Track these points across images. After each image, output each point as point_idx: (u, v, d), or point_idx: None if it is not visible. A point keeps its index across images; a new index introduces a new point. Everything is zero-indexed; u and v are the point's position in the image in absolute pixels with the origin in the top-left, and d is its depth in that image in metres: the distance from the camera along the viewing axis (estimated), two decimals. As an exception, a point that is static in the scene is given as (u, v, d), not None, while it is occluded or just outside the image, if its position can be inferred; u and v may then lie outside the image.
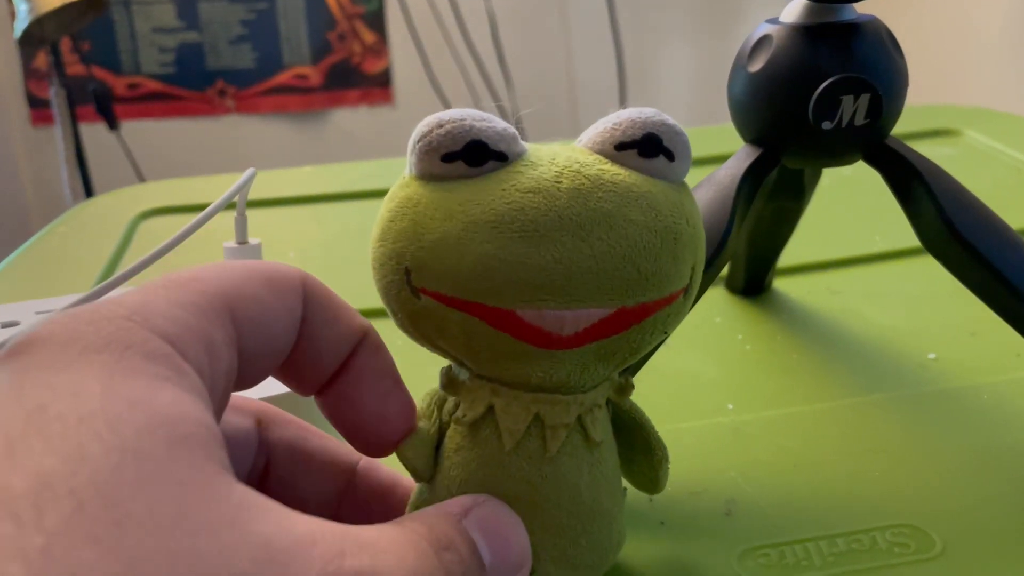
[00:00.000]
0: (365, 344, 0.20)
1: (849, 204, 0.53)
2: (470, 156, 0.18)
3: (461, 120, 0.18)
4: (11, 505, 0.12)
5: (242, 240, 0.38)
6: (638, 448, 0.22)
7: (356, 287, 0.28)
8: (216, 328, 0.17)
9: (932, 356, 0.38)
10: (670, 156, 0.19)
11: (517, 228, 0.17)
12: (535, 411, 0.19)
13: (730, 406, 0.35)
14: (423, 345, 0.20)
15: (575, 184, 0.18)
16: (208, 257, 0.42)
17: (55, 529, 0.12)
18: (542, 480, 0.19)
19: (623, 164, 0.19)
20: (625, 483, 0.22)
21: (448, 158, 0.18)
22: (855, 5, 0.30)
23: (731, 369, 0.38)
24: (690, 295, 0.20)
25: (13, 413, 0.13)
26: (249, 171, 0.35)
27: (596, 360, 0.19)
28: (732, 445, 0.33)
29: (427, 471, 0.20)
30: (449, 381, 0.20)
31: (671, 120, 0.20)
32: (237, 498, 0.14)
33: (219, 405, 0.17)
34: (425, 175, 0.19)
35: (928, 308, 0.42)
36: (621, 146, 0.19)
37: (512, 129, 0.19)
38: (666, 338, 0.20)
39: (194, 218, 0.32)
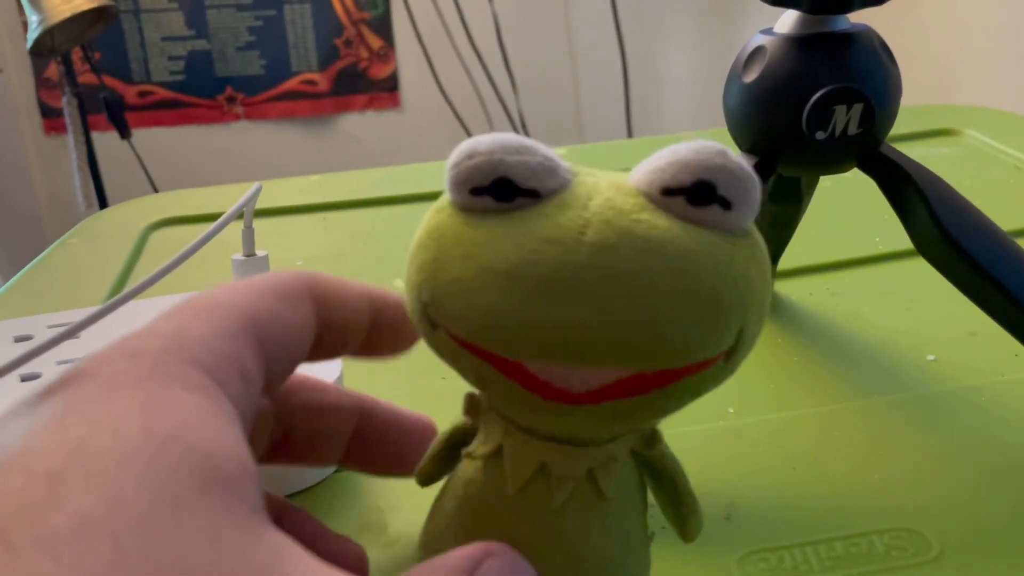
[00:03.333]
0: (378, 322, 0.21)
1: (849, 206, 0.53)
2: (498, 192, 0.17)
3: (490, 154, 0.17)
4: (51, 543, 0.12)
5: (250, 253, 0.39)
6: (667, 499, 0.21)
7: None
8: (247, 352, 0.17)
9: (931, 357, 0.38)
10: (726, 205, 0.17)
11: (529, 283, 0.16)
12: (542, 460, 0.18)
13: (730, 410, 0.36)
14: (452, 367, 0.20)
15: (600, 237, 0.16)
16: (218, 268, 0.42)
17: (93, 570, 0.12)
18: (544, 530, 0.18)
19: (669, 211, 0.17)
20: (652, 525, 0.21)
21: (476, 192, 0.17)
22: (848, 16, 0.30)
23: (732, 373, 0.39)
24: (736, 358, 0.18)
25: (56, 448, 0.14)
26: (255, 186, 0.36)
27: (612, 418, 0.18)
28: (732, 449, 0.33)
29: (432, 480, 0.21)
30: (471, 407, 0.20)
31: (733, 160, 0.17)
32: (268, 544, 0.14)
33: (251, 426, 0.18)
34: (456, 204, 0.18)
35: (928, 309, 0.42)
36: (668, 191, 0.17)
37: (551, 161, 0.17)
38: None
39: (204, 229, 0.33)
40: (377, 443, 0.24)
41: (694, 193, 0.17)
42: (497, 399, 0.19)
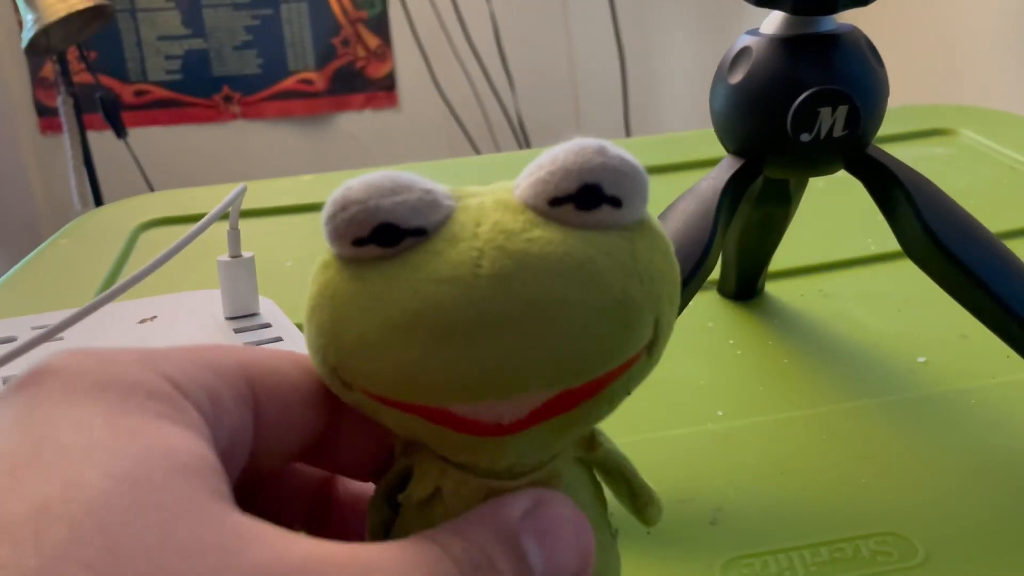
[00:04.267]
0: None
1: (840, 207, 0.53)
2: (382, 239, 0.16)
3: (365, 201, 0.16)
4: (9, 528, 0.12)
5: (235, 254, 0.39)
6: (623, 493, 0.21)
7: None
8: (225, 385, 0.17)
9: (922, 360, 0.38)
10: (616, 203, 0.16)
11: (434, 330, 0.15)
12: (484, 495, 0.17)
13: (720, 412, 0.35)
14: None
15: (496, 267, 0.15)
16: (205, 269, 0.42)
17: (50, 553, 0.12)
18: None
19: (560, 221, 0.16)
20: (616, 524, 0.21)
21: (358, 243, 0.16)
22: (837, 16, 0.30)
23: (722, 375, 0.39)
24: (657, 348, 0.17)
25: (19, 442, 0.14)
26: (239, 187, 0.36)
27: (549, 436, 0.17)
28: (721, 452, 0.33)
29: None
30: (404, 449, 0.19)
31: (614, 156, 0.16)
32: (232, 524, 0.14)
33: (229, 462, 0.17)
34: (340, 257, 0.17)
35: (919, 311, 0.42)
36: (555, 201, 0.16)
37: (430, 194, 0.16)
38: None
39: (190, 230, 0.32)
40: (345, 512, 0.21)
41: (581, 198, 0.16)
42: (429, 442, 0.18)
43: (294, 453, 0.19)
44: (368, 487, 0.21)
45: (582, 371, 0.16)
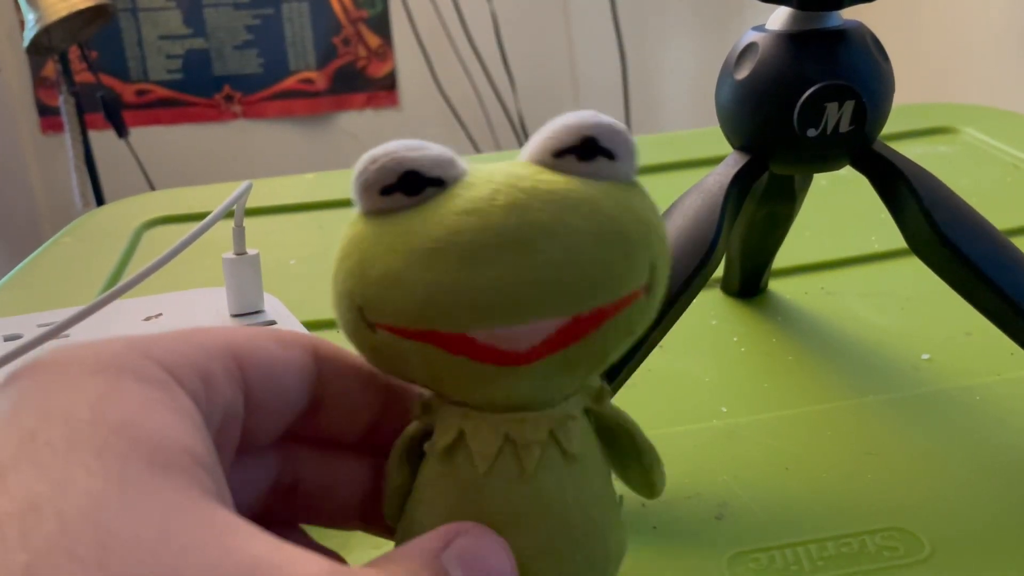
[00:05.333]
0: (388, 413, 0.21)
1: (845, 204, 0.53)
2: (407, 186, 0.18)
3: (392, 153, 0.18)
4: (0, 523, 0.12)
5: (240, 251, 0.39)
6: (628, 454, 0.22)
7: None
8: (215, 363, 0.18)
9: (926, 357, 0.38)
10: (611, 156, 0.19)
11: (455, 252, 0.17)
12: (504, 431, 0.19)
13: (724, 409, 0.36)
14: (394, 376, 0.21)
15: (510, 199, 0.18)
16: (210, 267, 0.42)
17: (39, 548, 0.12)
18: (523, 500, 0.19)
19: (564, 171, 0.19)
20: (622, 490, 0.22)
21: (386, 191, 0.18)
22: (841, 12, 0.30)
23: (726, 372, 0.39)
24: (654, 292, 0.19)
25: (6, 439, 0.14)
26: (245, 184, 0.36)
27: (560, 372, 0.19)
28: (726, 449, 0.33)
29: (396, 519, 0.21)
30: (422, 409, 0.20)
31: (609, 119, 0.19)
32: (221, 522, 0.14)
33: (223, 439, 0.18)
34: (368, 211, 0.19)
35: (923, 308, 0.42)
36: (559, 153, 0.19)
37: (448, 153, 0.19)
38: (636, 340, 0.20)
39: (194, 228, 0.32)
40: None
41: (581, 149, 0.19)
42: (448, 384, 0.19)
43: (281, 427, 0.20)
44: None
45: (588, 295, 0.18)
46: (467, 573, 0.17)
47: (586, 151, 0.19)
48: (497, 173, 0.19)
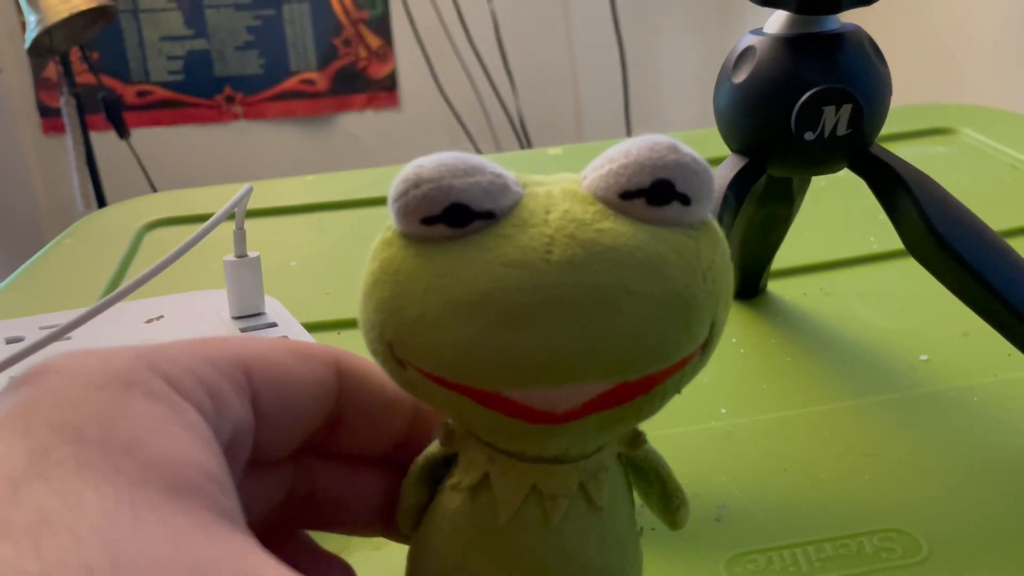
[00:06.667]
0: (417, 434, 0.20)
1: (843, 205, 0.53)
2: (452, 219, 0.16)
3: (439, 180, 0.16)
4: (10, 532, 0.12)
5: (241, 253, 0.39)
6: (656, 491, 0.21)
7: (357, 295, 0.28)
8: (224, 377, 0.17)
9: (924, 357, 0.38)
10: (685, 200, 0.16)
11: (500, 311, 0.16)
12: (532, 481, 0.18)
13: (723, 410, 0.36)
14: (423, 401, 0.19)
15: (567, 255, 0.16)
16: (210, 269, 0.42)
17: (52, 560, 0.12)
18: (544, 549, 0.18)
19: (629, 215, 0.16)
20: (641, 522, 0.21)
21: (428, 221, 0.16)
22: (839, 16, 0.30)
23: (725, 373, 0.39)
24: (709, 349, 0.18)
25: (18, 452, 0.14)
26: (246, 187, 0.36)
27: (598, 429, 0.17)
28: (725, 450, 0.33)
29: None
30: (447, 437, 0.19)
31: (686, 154, 0.17)
32: (232, 546, 0.14)
33: (232, 454, 0.17)
34: (406, 234, 0.17)
35: (922, 309, 0.42)
36: (626, 195, 0.16)
37: (501, 179, 0.17)
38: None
39: (197, 230, 0.33)
40: None
41: (653, 193, 0.16)
42: (477, 429, 0.18)
43: (296, 442, 0.19)
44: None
45: (640, 364, 0.16)
46: None
47: (659, 195, 0.16)
48: (556, 208, 0.17)
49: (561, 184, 0.17)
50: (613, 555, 0.19)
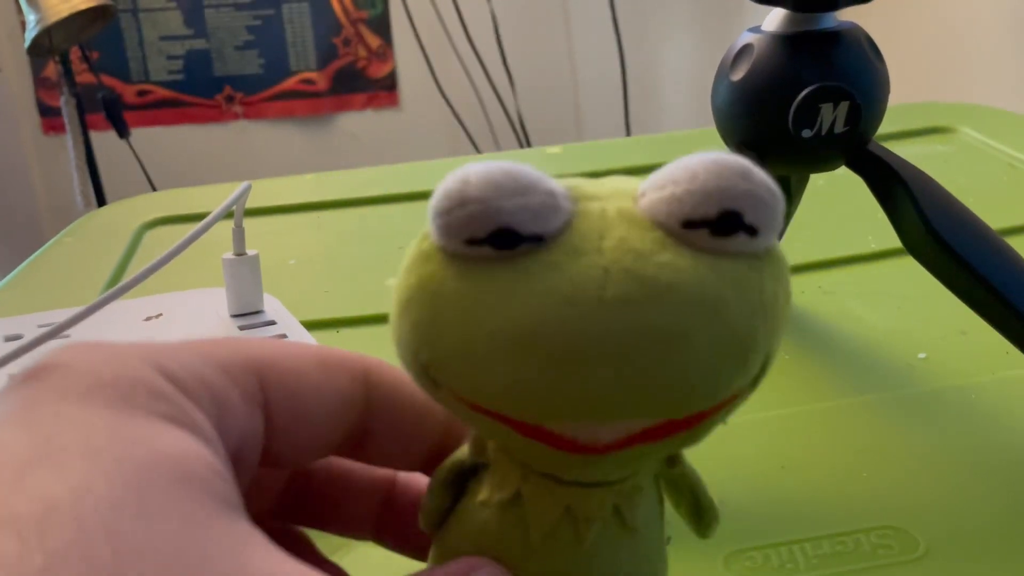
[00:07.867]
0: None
1: (842, 204, 0.53)
2: (498, 242, 0.15)
3: (486, 201, 0.15)
4: (15, 524, 0.12)
5: (240, 252, 0.39)
6: (685, 502, 0.20)
7: (356, 293, 0.28)
8: (233, 385, 0.17)
9: (922, 356, 0.38)
10: (752, 232, 0.15)
11: (545, 349, 0.15)
12: (566, 504, 0.17)
13: (721, 409, 0.36)
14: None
15: (623, 292, 0.15)
16: (209, 267, 0.42)
17: (56, 551, 0.12)
18: (574, 567, 0.18)
19: (690, 244, 0.15)
20: (669, 532, 0.20)
21: (472, 243, 0.15)
22: (837, 14, 0.30)
23: (723, 372, 0.39)
24: (759, 382, 0.17)
25: (23, 441, 0.14)
26: (244, 185, 0.36)
27: (639, 459, 0.17)
28: (722, 447, 0.33)
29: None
30: (479, 448, 0.18)
31: (759, 184, 0.15)
32: (237, 536, 0.14)
33: (241, 463, 0.17)
34: (447, 251, 0.16)
35: (919, 307, 0.42)
36: (690, 224, 0.15)
37: (552, 198, 0.15)
38: None
39: (194, 229, 0.33)
40: (412, 519, 0.20)
41: (719, 225, 0.15)
42: (514, 453, 0.18)
43: (315, 453, 0.19)
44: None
45: (690, 404, 0.16)
46: None
47: (725, 227, 0.15)
48: (609, 235, 0.15)
49: (616, 201, 0.16)
50: (644, 571, 0.19)
